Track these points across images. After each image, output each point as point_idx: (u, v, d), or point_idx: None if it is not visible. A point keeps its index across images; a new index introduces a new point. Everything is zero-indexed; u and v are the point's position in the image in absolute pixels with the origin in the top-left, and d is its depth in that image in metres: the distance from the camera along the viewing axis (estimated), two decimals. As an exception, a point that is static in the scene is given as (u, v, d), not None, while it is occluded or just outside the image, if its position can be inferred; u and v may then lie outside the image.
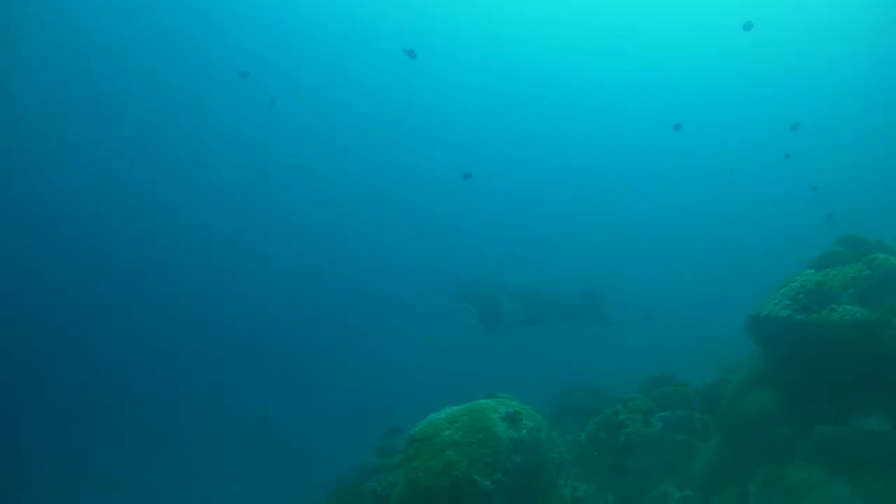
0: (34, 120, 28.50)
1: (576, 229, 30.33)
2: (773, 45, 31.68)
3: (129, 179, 30.30)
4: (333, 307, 25.70)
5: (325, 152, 34.52)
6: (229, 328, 25.64)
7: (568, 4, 32.80)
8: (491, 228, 31.08)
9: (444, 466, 5.71)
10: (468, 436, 5.88)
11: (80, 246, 28.74)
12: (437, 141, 35.47)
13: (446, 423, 6.03)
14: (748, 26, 16.22)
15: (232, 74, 25.84)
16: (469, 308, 15.27)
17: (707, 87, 34.34)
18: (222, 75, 29.24)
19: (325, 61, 33.42)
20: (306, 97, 33.40)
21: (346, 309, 25.28)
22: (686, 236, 27.84)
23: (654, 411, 8.06)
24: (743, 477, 7.34)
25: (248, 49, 30.76)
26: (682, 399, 8.54)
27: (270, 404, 20.81)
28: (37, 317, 25.67)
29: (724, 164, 27.38)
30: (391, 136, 34.75)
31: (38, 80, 28.30)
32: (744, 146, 31.59)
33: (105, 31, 28.80)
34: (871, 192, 24.95)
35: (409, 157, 34.72)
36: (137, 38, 29.69)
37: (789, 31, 31.35)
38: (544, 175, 34.63)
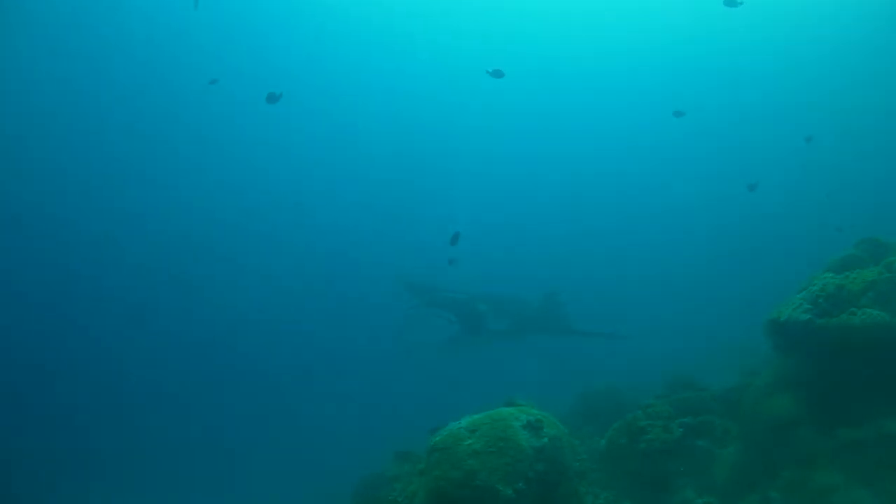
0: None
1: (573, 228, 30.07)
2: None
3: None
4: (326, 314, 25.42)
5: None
6: (238, 328, 25.51)
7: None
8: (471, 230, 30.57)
9: (465, 476, 5.70)
10: (489, 445, 5.86)
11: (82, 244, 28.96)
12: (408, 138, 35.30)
13: (467, 432, 6.01)
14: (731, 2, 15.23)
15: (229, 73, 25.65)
16: (447, 318, 14.09)
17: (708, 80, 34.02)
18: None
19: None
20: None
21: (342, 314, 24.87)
22: (696, 236, 27.58)
23: (674, 417, 8.02)
24: (765, 483, 7.28)
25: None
26: (701, 404, 8.50)
27: (282, 410, 20.63)
28: (37, 318, 25.83)
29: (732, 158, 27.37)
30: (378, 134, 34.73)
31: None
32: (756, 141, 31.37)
33: (104, 30, 29.20)
34: (889, 192, 24.68)
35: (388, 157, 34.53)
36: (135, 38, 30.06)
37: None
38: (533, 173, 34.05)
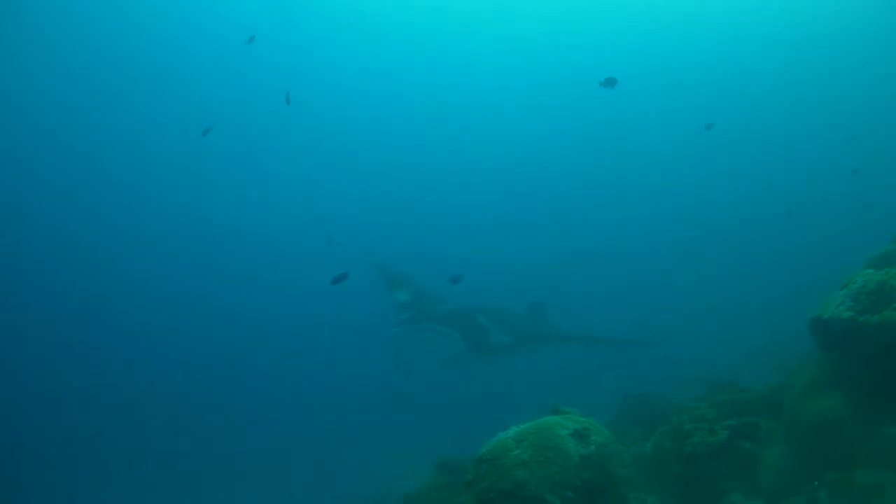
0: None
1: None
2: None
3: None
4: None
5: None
6: (246, 331, 25.63)
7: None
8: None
9: (514, 487, 5.73)
10: (537, 454, 5.89)
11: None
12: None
13: (514, 443, 6.05)
14: None
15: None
16: (450, 334, 12.95)
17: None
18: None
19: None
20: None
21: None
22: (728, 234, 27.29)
23: (718, 419, 8.00)
24: (811, 483, 7.23)
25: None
26: (745, 405, 8.46)
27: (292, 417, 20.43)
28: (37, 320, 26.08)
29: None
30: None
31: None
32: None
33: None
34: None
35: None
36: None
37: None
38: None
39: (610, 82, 13.85)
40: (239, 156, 34.59)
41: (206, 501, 17.42)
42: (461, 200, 32.76)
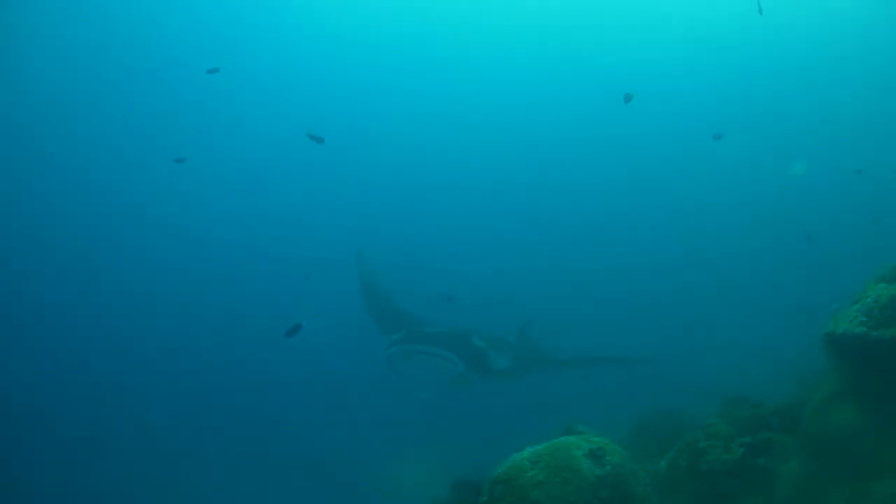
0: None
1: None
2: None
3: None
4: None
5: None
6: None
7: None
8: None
9: (530, 508, 5.74)
10: (552, 475, 5.89)
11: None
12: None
13: (529, 464, 6.06)
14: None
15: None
16: (450, 359, 12.33)
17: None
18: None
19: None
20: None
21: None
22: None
23: (733, 436, 7.98)
24: (828, 496, 7.22)
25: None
26: (760, 421, 8.46)
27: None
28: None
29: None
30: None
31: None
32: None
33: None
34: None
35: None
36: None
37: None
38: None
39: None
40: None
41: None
42: (449, 212, 32.45)
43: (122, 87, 33.46)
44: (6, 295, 26.62)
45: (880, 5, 29.71)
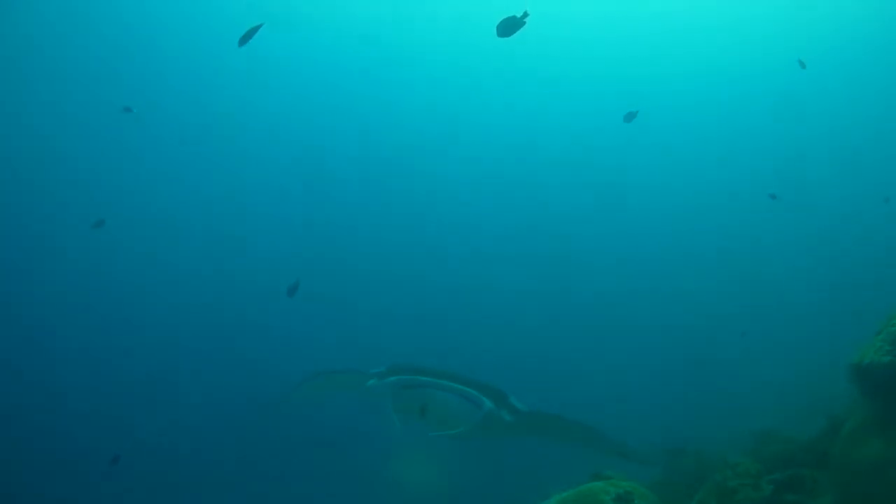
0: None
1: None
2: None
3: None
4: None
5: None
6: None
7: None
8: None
9: (559, 555, 5.70)
10: (580, 522, 5.86)
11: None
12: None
13: (557, 511, 6.03)
14: None
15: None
16: (473, 398, 10.03)
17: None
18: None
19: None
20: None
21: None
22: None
23: (762, 474, 7.91)
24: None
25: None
26: (789, 456, 8.40)
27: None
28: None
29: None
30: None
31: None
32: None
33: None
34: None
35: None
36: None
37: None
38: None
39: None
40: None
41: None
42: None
43: (122, 87, 33.53)
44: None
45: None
